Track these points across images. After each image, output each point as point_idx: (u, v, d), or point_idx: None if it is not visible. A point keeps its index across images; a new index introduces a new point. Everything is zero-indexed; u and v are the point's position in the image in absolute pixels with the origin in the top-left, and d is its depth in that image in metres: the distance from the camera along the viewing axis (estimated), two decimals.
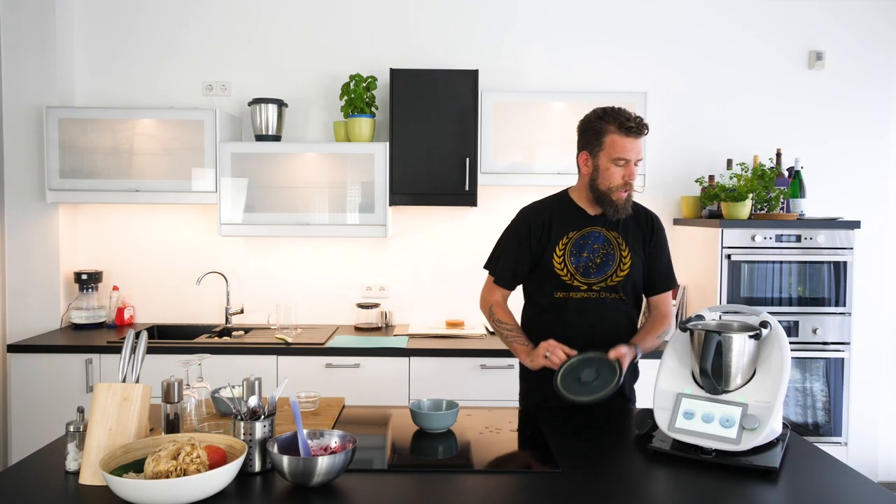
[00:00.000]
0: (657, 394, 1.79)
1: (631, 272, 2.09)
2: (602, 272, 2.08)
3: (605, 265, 2.08)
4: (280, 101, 3.45)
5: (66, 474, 1.56)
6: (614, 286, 2.08)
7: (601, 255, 2.08)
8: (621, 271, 2.08)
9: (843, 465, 1.65)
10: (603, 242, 2.09)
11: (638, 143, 2.02)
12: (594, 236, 2.10)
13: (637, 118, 2.02)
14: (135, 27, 3.61)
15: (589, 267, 2.08)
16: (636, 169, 2.04)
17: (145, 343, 1.65)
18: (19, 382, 3.10)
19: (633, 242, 2.11)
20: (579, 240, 2.09)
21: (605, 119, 2.04)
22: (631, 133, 2.00)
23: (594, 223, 2.11)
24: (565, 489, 1.51)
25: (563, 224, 2.12)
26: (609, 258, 2.08)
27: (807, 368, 3.20)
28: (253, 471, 1.55)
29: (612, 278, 2.08)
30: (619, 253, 2.09)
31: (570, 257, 2.08)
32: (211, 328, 3.55)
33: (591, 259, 2.08)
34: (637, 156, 2.03)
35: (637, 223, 2.14)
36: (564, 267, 2.08)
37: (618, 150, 2.01)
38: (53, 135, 3.30)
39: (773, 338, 1.73)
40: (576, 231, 2.11)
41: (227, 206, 3.32)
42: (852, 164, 3.68)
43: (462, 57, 3.60)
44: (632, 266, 2.09)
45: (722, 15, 3.64)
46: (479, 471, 1.62)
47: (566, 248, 2.09)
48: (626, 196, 2.05)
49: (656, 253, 2.16)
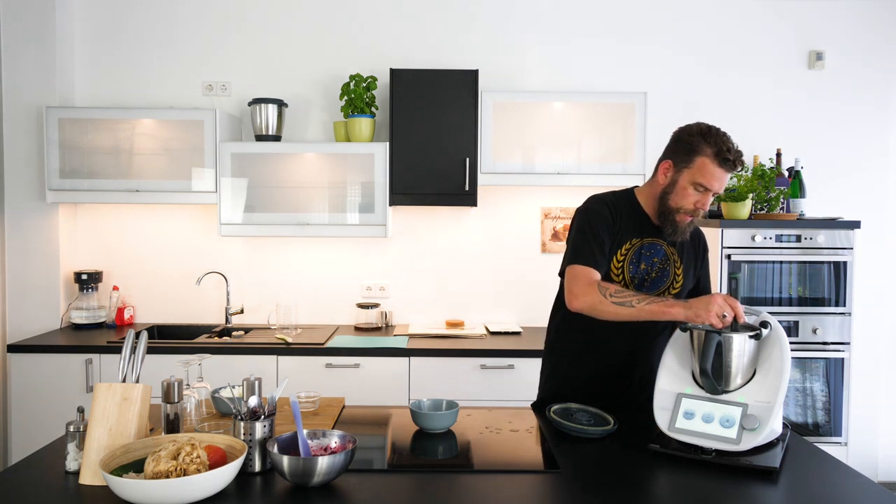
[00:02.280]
0: (657, 394, 1.79)
1: (681, 292, 2.00)
2: (655, 287, 1.98)
3: (659, 280, 1.98)
4: (280, 101, 3.45)
5: (66, 474, 1.56)
6: None
7: (658, 270, 1.98)
8: (673, 289, 1.99)
9: (843, 465, 1.65)
10: (662, 257, 1.99)
11: (726, 177, 1.89)
12: (655, 249, 1.99)
13: (737, 151, 1.87)
14: (135, 27, 3.61)
15: (644, 280, 1.97)
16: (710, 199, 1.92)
17: (145, 343, 1.65)
18: (19, 382, 3.10)
19: (687, 261, 2.04)
20: (641, 249, 1.98)
21: (706, 139, 1.88)
22: (725, 165, 1.86)
23: (658, 234, 2.00)
24: (565, 489, 1.51)
25: (629, 228, 1.99)
26: (664, 274, 1.99)
27: (807, 368, 3.20)
28: (253, 471, 1.55)
29: (665, 294, 1.98)
30: (674, 270, 2.00)
31: (630, 265, 1.96)
32: (211, 328, 3.55)
33: (648, 272, 1.97)
34: (721, 188, 1.90)
35: (692, 242, 2.07)
36: (622, 273, 1.96)
37: (705, 176, 1.87)
38: (53, 135, 3.30)
39: (773, 338, 1.73)
40: (639, 239, 1.99)
41: (227, 206, 3.32)
42: (852, 164, 3.68)
43: (462, 57, 3.60)
44: (683, 286, 2.01)
45: (722, 15, 3.64)
46: (479, 471, 1.62)
47: (627, 255, 1.97)
48: (690, 222, 1.95)
49: (704, 273, 2.11)
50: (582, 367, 2.06)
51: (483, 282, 3.65)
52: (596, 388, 2.04)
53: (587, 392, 2.04)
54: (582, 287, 1.86)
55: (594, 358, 2.05)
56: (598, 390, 2.04)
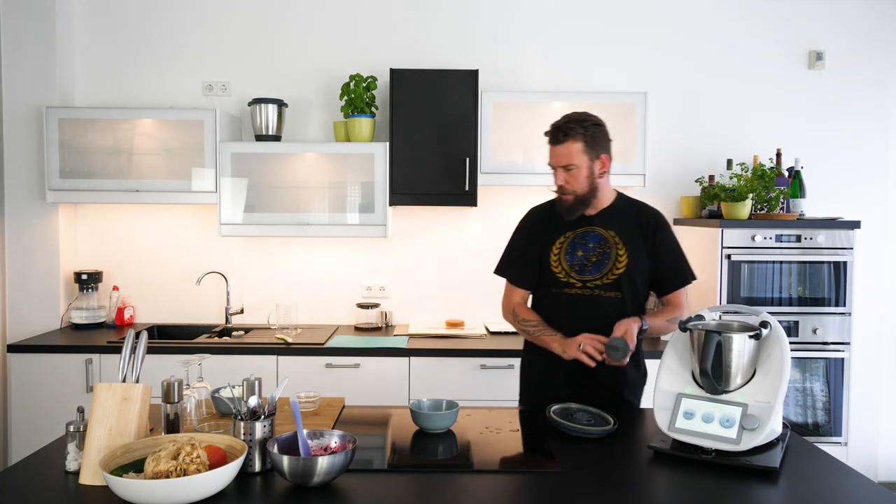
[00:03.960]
0: (657, 394, 1.79)
1: (628, 270, 2.10)
2: (598, 270, 2.11)
3: (600, 263, 2.11)
4: (280, 101, 3.45)
5: (66, 474, 1.56)
6: (610, 284, 2.10)
7: (597, 254, 2.12)
8: (617, 269, 2.10)
9: (843, 465, 1.65)
10: (599, 241, 2.13)
11: (559, 150, 2.09)
12: (590, 236, 2.15)
13: (557, 125, 2.10)
14: (135, 27, 3.61)
15: (585, 265, 2.12)
16: (570, 175, 2.09)
17: (145, 343, 1.65)
18: (19, 382, 3.10)
19: (632, 241, 2.13)
20: (575, 239, 2.15)
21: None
22: (552, 142, 2.11)
23: (591, 223, 2.16)
24: (565, 489, 1.51)
25: (562, 224, 2.17)
26: (605, 256, 2.11)
27: (807, 368, 3.20)
28: (253, 471, 1.55)
29: (608, 276, 2.10)
30: (616, 251, 2.12)
31: (566, 255, 2.14)
32: (211, 328, 3.55)
33: (587, 257, 2.12)
34: (559, 162, 2.10)
35: (637, 222, 2.17)
36: (559, 264, 2.14)
37: (550, 158, 2.13)
38: (53, 135, 3.30)
39: (773, 338, 1.73)
40: (572, 231, 2.16)
41: (227, 206, 3.32)
42: (852, 164, 3.68)
43: (462, 57, 3.60)
44: (629, 264, 2.10)
45: (722, 15, 3.64)
46: (479, 471, 1.62)
47: (562, 247, 2.15)
48: (568, 199, 2.11)
49: (663, 251, 2.16)
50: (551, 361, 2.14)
51: (483, 282, 3.63)
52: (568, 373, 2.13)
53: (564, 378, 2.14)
54: (504, 307, 2.30)
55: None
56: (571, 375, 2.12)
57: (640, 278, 2.14)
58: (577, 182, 2.09)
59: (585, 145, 2.08)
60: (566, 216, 2.14)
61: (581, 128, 2.07)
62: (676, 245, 2.20)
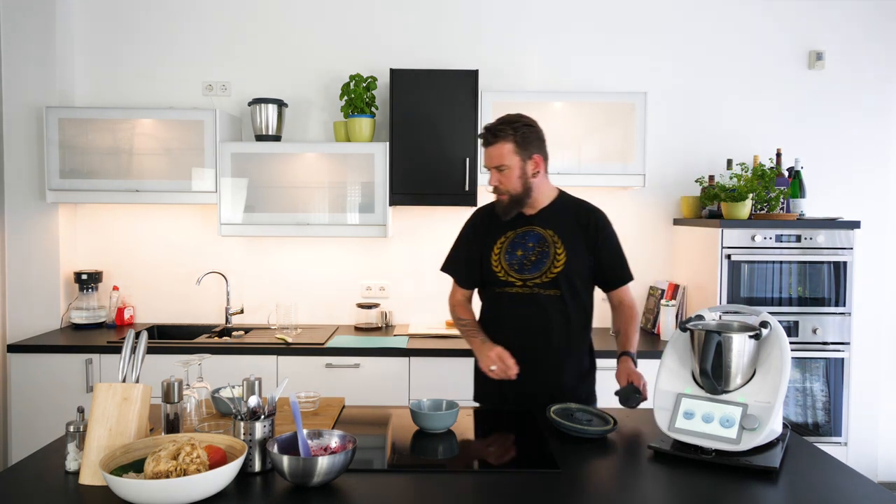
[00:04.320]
0: (657, 394, 1.79)
1: (566, 268, 2.13)
2: (537, 269, 2.15)
3: (539, 262, 2.15)
4: (280, 101, 3.45)
5: (66, 474, 1.56)
6: (549, 282, 2.13)
7: (536, 253, 2.16)
8: (555, 268, 2.13)
9: (843, 465, 1.65)
10: (538, 240, 2.17)
11: (490, 151, 2.13)
12: (530, 235, 2.18)
13: (488, 127, 2.14)
14: (135, 27, 3.61)
15: (524, 264, 2.16)
16: (503, 175, 2.13)
17: (145, 343, 1.65)
18: (19, 382, 3.10)
19: (571, 240, 2.17)
20: (515, 238, 2.19)
21: None
22: (483, 143, 2.16)
23: (530, 222, 2.20)
24: (565, 489, 1.51)
25: (502, 224, 2.21)
26: (543, 255, 2.15)
27: (807, 368, 3.20)
28: (253, 471, 1.55)
29: (547, 275, 2.14)
30: (554, 250, 2.15)
31: (505, 255, 2.18)
32: (211, 328, 3.55)
33: (526, 256, 2.16)
34: (491, 163, 2.14)
35: (577, 221, 2.20)
36: (499, 264, 2.18)
37: (483, 160, 2.18)
38: (53, 135, 3.30)
39: (773, 338, 1.73)
40: (513, 230, 2.20)
41: (227, 206, 3.32)
42: (852, 164, 3.68)
43: (462, 57, 3.60)
44: (567, 262, 2.13)
45: (722, 15, 3.64)
46: (479, 471, 1.62)
47: (503, 247, 2.19)
48: (504, 200, 2.16)
49: (604, 248, 2.21)
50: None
51: None
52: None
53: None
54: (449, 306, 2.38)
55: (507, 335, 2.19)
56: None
57: (578, 277, 2.16)
58: (510, 182, 2.12)
59: (516, 146, 2.11)
60: (503, 216, 2.18)
61: (511, 129, 2.10)
62: (618, 243, 2.26)
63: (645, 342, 3.33)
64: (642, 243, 3.68)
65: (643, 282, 3.67)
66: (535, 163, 2.14)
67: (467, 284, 2.33)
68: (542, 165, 2.17)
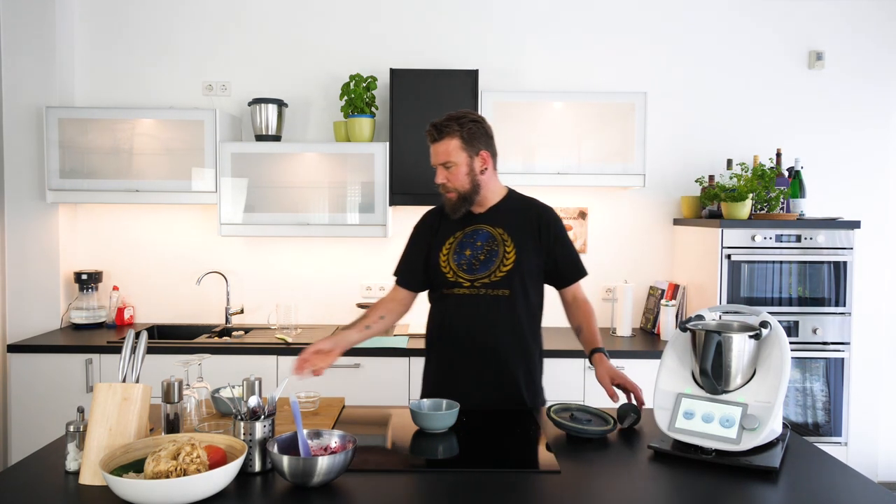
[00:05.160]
0: (657, 394, 1.79)
1: (516, 267, 2.10)
2: (486, 268, 2.11)
3: (488, 261, 2.11)
4: (280, 101, 3.45)
5: (66, 474, 1.56)
6: (498, 281, 2.09)
7: (485, 252, 2.12)
8: (504, 266, 2.10)
9: (843, 465, 1.65)
10: (487, 239, 2.13)
11: (437, 148, 2.09)
12: (479, 234, 2.15)
13: (434, 123, 2.09)
14: (135, 27, 3.61)
15: (473, 264, 2.12)
16: (450, 172, 2.09)
17: (145, 343, 1.65)
18: (19, 382, 3.10)
19: (521, 237, 2.13)
20: (464, 238, 2.15)
21: None
22: (430, 140, 2.11)
23: (479, 221, 2.16)
24: (565, 489, 1.51)
25: (451, 224, 2.18)
26: (492, 254, 2.11)
27: (807, 368, 3.20)
28: (253, 471, 1.55)
29: (496, 273, 2.10)
30: (503, 249, 2.11)
31: (454, 255, 2.14)
32: (211, 328, 3.55)
33: (475, 256, 2.12)
34: (438, 160, 2.10)
35: (527, 217, 2.17)
36: (448, 265, 2.14)
37: (430, 157, 2.13)
38: (53, 135, 3.30)
39: (773, 338, 1.73)
40: (461, 230, 2.17)
41: (227, 206, 3.32)
42: (852, 163, 3.68)
43: (462, 57, 3.60)
44: (516, 261, 2.10)
45: (722, 15, 3.64)
46: (479, 471, 1.62)
47: (451, 247, 2.15)
48: (451, 198, 2.12)
49: (557, 246, 2.18)
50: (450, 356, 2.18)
51: None
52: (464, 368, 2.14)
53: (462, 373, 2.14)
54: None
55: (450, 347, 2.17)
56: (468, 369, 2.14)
57: (528, 275, 2.13)
58: (457, 179, 2.09)
59: (462, 142, 2.07)
60: (451, 215, 2.15)
61: (457, 125, 2.07)
62: (569, 240, 2.24)
63: (645, 342, 3.33)
64: (642, 243, 3.68)
65: (643, 282, 3.67)
66: (483, 159, 2.11)
67: (412, 287, 2.26)
68: (489, 162, 2.13)
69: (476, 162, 2.10)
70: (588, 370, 3.09)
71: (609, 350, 2.56)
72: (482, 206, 2.17)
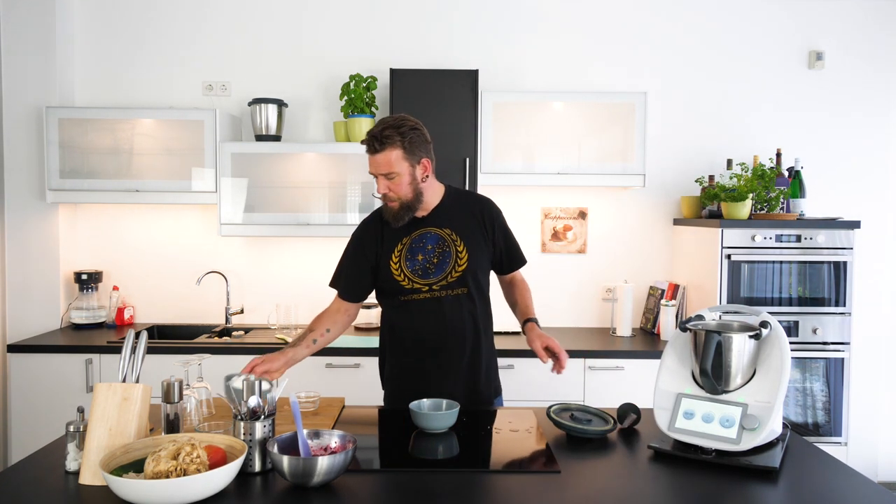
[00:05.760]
0: (657, 394, 1.79)
1: (470, 265, 2.11)
2: (441, 270, 2.09)
3: (442, 263, 2.10)
4: (280, 101, 3.45)
5: (66, 474, 1.56)
6: (455, 282, 2.10)
7: (437, 255, 2.10)
8: (459, 267, 2.10)
9: (843, 465, 1.65)
10: (437, 241, 2.11)
11: (376, 159, 2.04)
12: (427, 237, 2.12)
13: (373, 135, 2.04)
14: (135, 27, 3.61)
15: (427, 268, 2.10)
16: (393, 182, 2.03)
17: (145, 343, 1.65)
18: (19, 382, 3.10)
19: (469, 234, 2.14)
20: (412, 243, 2.11)
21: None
22: (369, 151, 2.06)
23: (424, 224, 2.13)
24: (565, 489, 1.51)
25: (396, 231, 2.12)
26: (446, 256, 2.10)
27: (807, 368, 3.20)
28: (253, 471, 1.55)
29: (452, 274, 2.10)
30: (455, 249, 2.11)
31: (406, 262, 2.10)
32: (211, 328, 3.55)
33: (428, 260, 2.10)
34: (379, 170, 2.04)
35: (471, 213, 2.17)
36: (402, 272, 2.10)
37: (369, 167, 2.08)
38: (53, 135, 3.30)
39: (773, 338, 1.73)
40: (408, 236, 2.12)
41: (227, 207, 3.32)
42: (852, 163, 3.68)
43: (462, 57, 3.60)
44: (469, 259, 2.11)
45: (722, 15, 3.64)
46: (479, 471, 1.62)
47: (401, 254, 2.11)
48: (393, 207, 2.07)
49: (501, 236, 2.21)
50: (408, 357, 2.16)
51: None
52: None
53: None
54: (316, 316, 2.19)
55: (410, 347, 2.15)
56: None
57: (480, 270, 2.15)
58: (400, 189, 2.04)
59: (404, 152, 2.02)
60: (394, 223, 2.09)
61: (398, 134, 2.01)
62: (509, 229, 2.26)
63: (645, 342, 3.33)
64: (642, 243, 3.68)
65: (643, 282, 3.67)
66: (424, 167, 2.07)
67: (353, 298, 2.19)
68: (430, 168, 2.09)
69: (418, 170, 2.06)
70: (588, 370, 3.09)
71: (609, 350, 2.56)
72: (425, 209, 2.13)
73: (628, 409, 1.92)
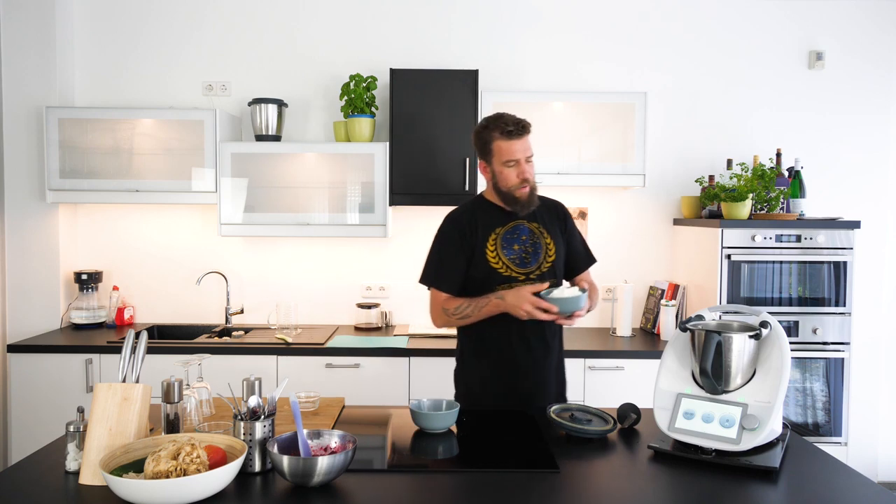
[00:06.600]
0: (657, 394, 1.79)
1: (557, 258, 2.23)
2: (535, 261, 2.19)
3: (536, 254, 2.20)
4: (280, 101, 3.45)
5: (66, 474, 1.56)
6: (545, 273, 2.19)
7: (530, 245, 2.20)
8: (549, 258, 2.21)
9: (843, 465, 1.65)
10: (528, 234, 2.22)
11: (522, 143, 2.16)
12: (520, 229, 2.22)
13: (516, 121, 2.16)
14: (135, 27, 3.61)
15: (524, 258, 2.19)
16: (529, 166, 2.17)
17: (145, 343, 1.65)
18: (19, 382, 3.10)
19: (553, 230, 2.25)
20: (506, 234, 2.20)
21: (489, 128, 2.17)
22: (513, 136, 2.14)
23: (516, 217, 2.23)
24: (565, 489, 1.51)
25: (489, 222, 2.21)
26: (537, 247, 2.20)
27: (807, 368, 3.20)
28: (253, 471, 1.55)
29: (544, 265, 2.19)
30: (544, 241, 2.22)
31: (503, 250, 2.18)
32: (211, 328, 3.55)
33: (524, 250, 2.19)
34: (524, 154, 2.16)
35: (551, 212, 2.29)
36: (499, 260, 2.17)
37: (505, 154, 2.14)
38: (53, 135, 3.30)
39: (773, 338, 1.73)
40: (501, 227, 2.21)
41: (227, 206, 3.32)
42: (852, 164, 3.68)
43: (462, 57, 3.60)
44: (556, 252, 2.23)
45: (722, 15, 3.64)
46: (479, 471, 1.62)
47: (497, 243, 2.19)
48: (528, 191, 2.17)
49: (573, 236, 2.32)
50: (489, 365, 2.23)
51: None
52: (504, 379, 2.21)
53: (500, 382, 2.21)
54: (435, 313, 2.23)
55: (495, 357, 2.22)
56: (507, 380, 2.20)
57: (561, 265, 2.27)
58: (532, 173, 2.18)
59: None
60: (525, 209, 2.18)
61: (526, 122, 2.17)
62: (578, 229, 2.38)
63: (645, 342, 3.33)
64: (642, 243, 3.68)
65: (643, 282, 3.67)
66: None
67: (455, 292, 2.21)
68: None
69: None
70: (588, 370, 3.09)
71: (609, 350, 2.56)
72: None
73: (628, 409, 1.92)
